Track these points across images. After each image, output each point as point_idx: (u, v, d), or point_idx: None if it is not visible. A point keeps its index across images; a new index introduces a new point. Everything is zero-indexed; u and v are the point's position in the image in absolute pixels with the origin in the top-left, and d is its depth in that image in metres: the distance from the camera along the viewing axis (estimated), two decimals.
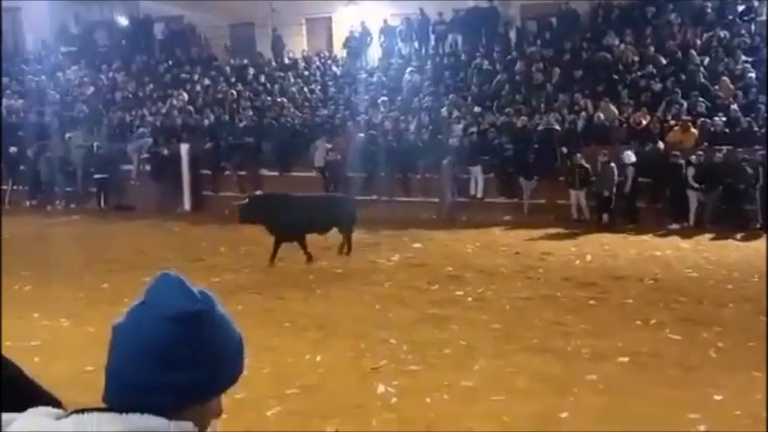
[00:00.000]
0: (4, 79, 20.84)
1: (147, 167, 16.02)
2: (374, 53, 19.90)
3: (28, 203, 16.45)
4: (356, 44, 19.73)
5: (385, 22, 19.57)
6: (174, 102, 18.15)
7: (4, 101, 19.14)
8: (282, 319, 7.77)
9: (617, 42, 16.44)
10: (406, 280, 9.46)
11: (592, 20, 17.82)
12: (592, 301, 8.44)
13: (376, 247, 11.72)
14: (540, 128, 14.45)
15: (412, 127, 15.80)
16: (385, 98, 17.12)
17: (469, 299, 8.58)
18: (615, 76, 15.64)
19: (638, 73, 15.48)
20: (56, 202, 16.36)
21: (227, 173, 15.89)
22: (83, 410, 1.07)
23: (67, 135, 17.08)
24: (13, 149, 16.71)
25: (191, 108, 17.79)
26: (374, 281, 9.44)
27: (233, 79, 19.40)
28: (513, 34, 18.72)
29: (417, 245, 11.89)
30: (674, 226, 12.67)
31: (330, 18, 21.49)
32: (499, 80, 16.76)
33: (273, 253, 10.30)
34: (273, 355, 6.45)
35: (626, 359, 6.44)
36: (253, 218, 10.33)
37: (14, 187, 16.81)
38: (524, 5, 19.36)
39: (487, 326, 7.49)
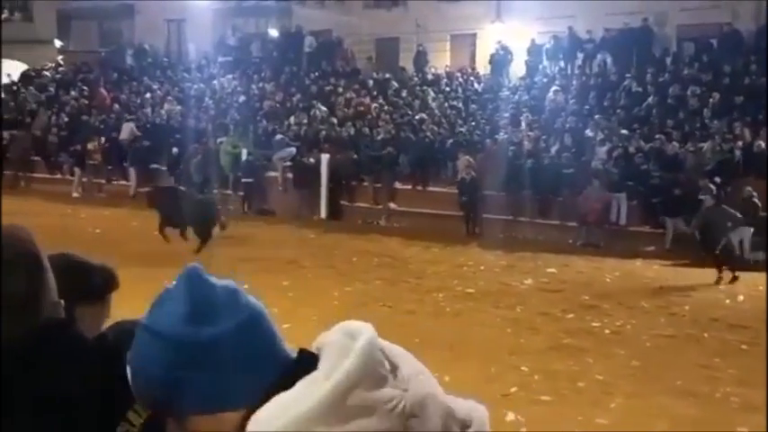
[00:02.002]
0: (167, 86, 22.49)
1: (290, 175, 16.64)
2: (518, 71, 19.65)
3: None
4: (500, 61, 19.57)
5: (532, 41, 19.29)
6: (317, 113, 18.77)
7: (167, 105, 20.59)
8: (412, 334, 7.72)
9: None
10: (539, 305, 9.16)
11: (757, 42, 16.60)
12: (743, 346, 7.78)
13: (509, 269, 11.47)
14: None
15: (553, 148, 15.39)
16: (527, 116, 16.81)
17: (607, 331, 8.17)
18: None
19: None
20: None
21: (364, 184, 16.19)
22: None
23: (219, 140, 18.08)
24: (174, 150, 17.90)
25: (333, 119, 18.33)
26: (506, 304, 9.22)
27: (375, 92, 19.81)
28: (667, 55, 17.82)
29: (552, 270, 11.51)
30: None
31: (475, 35, 21.47)
32: (649, 103, 16.01)
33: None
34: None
35: None
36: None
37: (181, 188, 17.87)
38: (681, 26, 18.40)
39: (626, 362, 7.08)
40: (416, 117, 17.69)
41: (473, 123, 17.21)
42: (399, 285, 10.15)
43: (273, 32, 24.36)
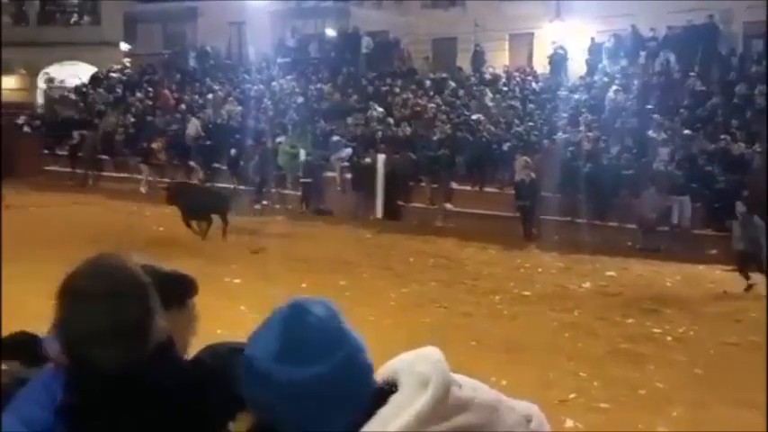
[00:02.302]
0: (227, 86, 23.00)
1: (348, 175, 16.82)
2: (577, 70, 19.37)
3: (255, 206, 17.17)
4: (559, 60, 19.33)
5: (592, 40, 18.99)
6: (374, 113, 18.90)
7: (227, 106, 21.07)
8: (468, 337, 7.75)
9: None
10: (597, 309, 9.05)
11: None
12: None
13: (566, 271, 11.34)
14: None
15: (613, 149, 15.12)
16: (586, 116, 16.57)
17: (668, 337, 8.01)
18: None
19: None
20: (263, 201, 17.68)
21: (421, 184, 16.23)
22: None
23: (277, 140, 18.40)
24: (233, 151, 18.31)
25: (389, 120, 18.42)
26: (563, 307, 9.13)
27: (432, 93, 19.83)
28: (734, 54, 17.28)
29: (611, 273, 11.34)
30: None
31: (533, 34, 21.27)
32: (713, 103, 15.56)
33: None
34: (459, 373, 6.46)
35: None
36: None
37: (240, 187, 18.32)
38: (748, 23, 17.82)
39: (688, 369, 6.94)
40: (473, 117, 17.63)
41: (531, 124, 17.05)
42: (455, 287, 10.16)
43: (331, 33, 24.62)
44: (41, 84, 33.68)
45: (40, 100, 31.22)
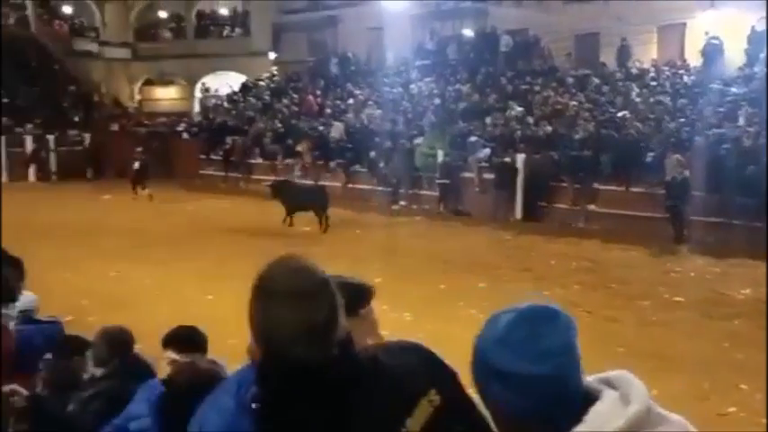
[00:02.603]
0: (367, 90, 23.56)
1: (486, 176, 16.68)
2: (734, 61, 18.03)
3: (393, 207, 17.68)
4: (713, 52, 18.10)
5: (752, 28, 17.62)
6: (513, 112, 18.60)
7: (367, 110, 21.57)
8: (614, 343, 7.45)
9: None
10: (760, 318, 8.36)
11: None
12: None
13: (723, 276, 10.60)
14: None
15: None
16: (746, 110, 15.36)
17: None
18: None
19: None
20: (400, 202, 17.94)
21: (562, 184, 15.78)
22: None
23: (415, 142, 18.60)
24: (372, 153, 18.74)
25: (529, 119, 18.07)
26: (721, 315, 8.54)
27: (573, 90, 19.23)
28: None
29: None
30: None
31: (684, 24, 20.06)
32: None
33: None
34: None
35: None
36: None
37: (377, 188, 18.75)
38: None
39: None
40: (619, 114, 16.90)
41: (682, 120, 16.06)
42: (600, 291, 9.80)
43: (469, 33, 24.54)
44: (198, 93, 36.26)
45: (196, 108, 33.60)
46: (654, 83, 18.56)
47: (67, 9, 36.00)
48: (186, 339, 3.05)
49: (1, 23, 27.04)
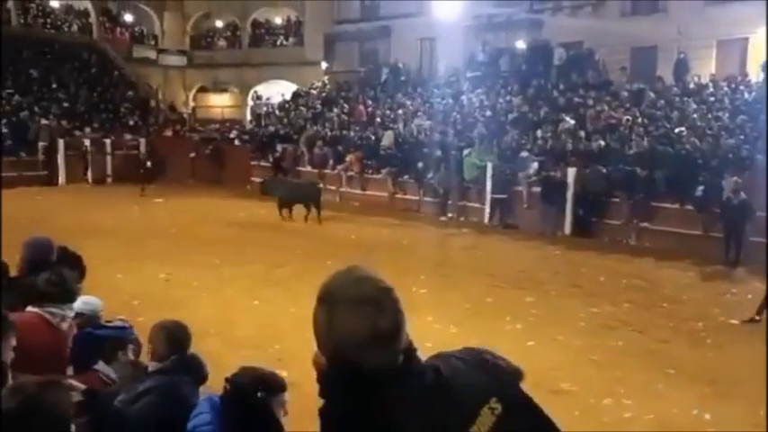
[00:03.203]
0: (417, 100, 23.56)
1: (535, 189, 16.46)
2: None
3: (441, 218, 17.59)
4: None
5: None
6: (565, 126, 18.33)
7: (417, 120, 21.56)
8: (666, 364, 7.23)
9: None
10: None
11: None
12: None
13: None
14: None
15: None
16: None
17: None
18: None
19: None
20: (448, 214, 17.83)
21: (614, 199, 15.45)
22: None
23: (465, 153, 18.47)
24: (420, 164, 18.69)
25: (581, 133, 17.77)
26: None
27: (628, 104, 18.86)
28: None
29: None
30: None
31: (746, 39, 19.51)
32: None
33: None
34: (657, 402, 6.04)
35: None
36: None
37: (424, 198, 18.67)
38: None
39: None
40: (675, 130, 16.49)
41: (742, 137, 15.58)
42: (651, 310, 9.53)
43: (522, 45, 24.33)
44: (250, 101, 36.90)
45: (248, 116, 34.17)
46: (712, 98, 18.07)
47: (129, 17, 37.17)
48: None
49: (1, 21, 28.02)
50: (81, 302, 3.73)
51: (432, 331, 8.04)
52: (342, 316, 1.34)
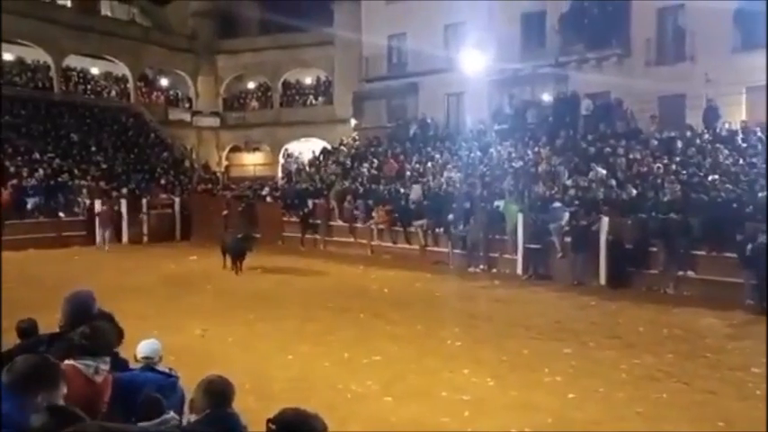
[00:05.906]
0: (446, 155, 23.70)
1: (567, 239, 16.30)
2: None
3: (470, 269, 17.59)
4: None
5: None
6: (596, 175, 18.24)
7: (446, 173, 21.66)
8: (714, 416, 6.98)
9: None
10: None
11: None
12: None
13: None
14: None
15: None
16: None
17: None
18: None
19: None
20: (480, 266, 17.69)
21: (650, 249, 15.20)
22: None
23: (495, 203, 18.44)
24: (450, 216, 18.68)
25: (612, 181, 17.66)
26: None
27: (658, 152, 18.75)
28: None
29: None
30: None
31: None
32: None
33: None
34: None
35: None
36: None
37: (454, 251, 18.58)
38: None
39: None
40: (708, 177, 16.31)
41: None
42: (695, 360, 9.25)
43: (550, 98, 24.49)
44: (282, 158, 37.55)
45: (280, 173, 34.70)
46: (744, 144, 17.90)
47: (164, 81, 38.45)
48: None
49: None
50: (143, 344, 4.53)
51: (469, 385, 7.91)
52: None
